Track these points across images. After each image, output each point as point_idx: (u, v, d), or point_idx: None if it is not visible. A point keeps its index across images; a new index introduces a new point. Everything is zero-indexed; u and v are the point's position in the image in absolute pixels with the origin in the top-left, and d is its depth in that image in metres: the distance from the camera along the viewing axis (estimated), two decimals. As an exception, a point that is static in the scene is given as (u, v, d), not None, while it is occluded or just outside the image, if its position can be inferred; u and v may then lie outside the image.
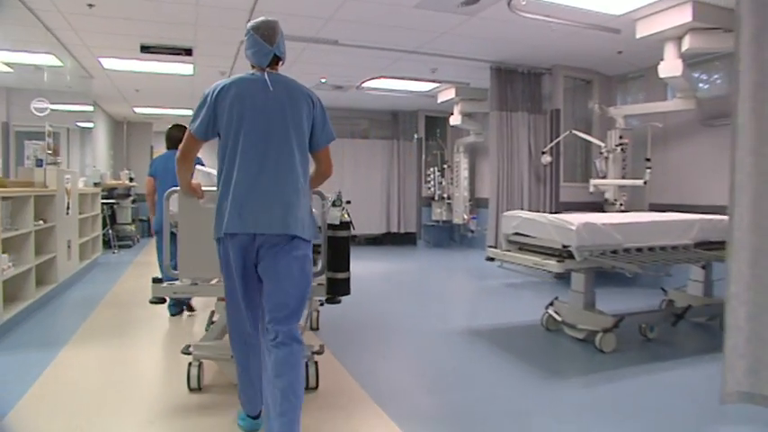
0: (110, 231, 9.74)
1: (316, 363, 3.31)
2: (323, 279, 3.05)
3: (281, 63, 2.64)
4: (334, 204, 3.03)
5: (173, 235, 3.47)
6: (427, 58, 7.01)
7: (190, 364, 3.22)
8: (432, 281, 7.69)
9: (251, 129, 2.45)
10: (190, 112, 8.20)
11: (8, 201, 4.77)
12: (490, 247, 4.61)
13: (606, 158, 6.72)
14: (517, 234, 4.36)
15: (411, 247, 11.25)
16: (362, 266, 8.43)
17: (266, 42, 2.54)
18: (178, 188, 2.86)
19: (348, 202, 3.22)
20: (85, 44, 6.40)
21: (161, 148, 14.86)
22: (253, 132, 2.45)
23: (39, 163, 5.89)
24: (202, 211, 2.83)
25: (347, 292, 3.08)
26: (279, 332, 2.40)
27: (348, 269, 3.04)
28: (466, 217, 10.61)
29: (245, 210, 2.41)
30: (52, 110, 7.45)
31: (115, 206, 10.62)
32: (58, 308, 5.38)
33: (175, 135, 5.00)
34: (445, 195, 10.88)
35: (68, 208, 6.25)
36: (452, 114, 9.36)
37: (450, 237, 11.55)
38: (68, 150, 8.89)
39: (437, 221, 11.14)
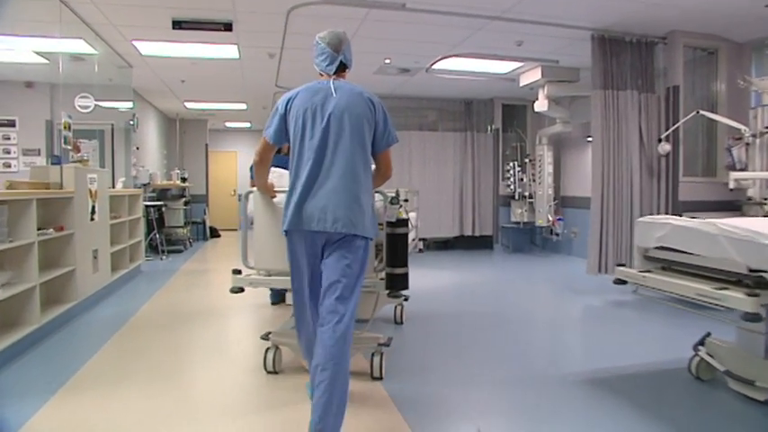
0: (157, 236, 8.94)
1: (381, 354, 3.44)
2: (383, 274, 3.22)
3: (347, 70, 2.84)
4: (391, 203, 3.16)
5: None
6: (512, 27, 5.75)
7: (267, 349, 3.55)
8: (518, 297, 6.41)
9: (315, 133, 2.62)
10: (244, 107, 8.22)
11: (4, 205, 3.88)
12: (619, 265, 3.33)
13: (747, 145, 5.26)
14: (662, 248, 3.07)
15: (487, 253, 9.96)
16: (432, 277, 7.28)
17: (333, 50, 2.75)
18: (254, 188, 3.23)
19: (406, 201, 3.55)
20: (111, 22, 5.52)
21: (217, 147, 14.06)
22: (317, 137, 2.61)
23: (55, 160, 5.01)
24: (275, 209, 3.15)
25: (406, 287, 3.21)
26: (329, 317, 2.51)
27: (406, 264, 3.20)
28: (551, 218, 9.24)
29: (308, 209, 2.59)
30: (97, 105, 6.76)
31: (164, 208, 9.87)
32: (69, 334, 4.45)
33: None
34: (526, 194, 9.55)
35: (93, 212, 5.38)
36: (536, 101, 8.01)
37: (530, 240, 10.20)
38: (113, 149, 8.16)
39: (517, 223, 9.83)
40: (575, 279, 7.11)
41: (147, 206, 8.89)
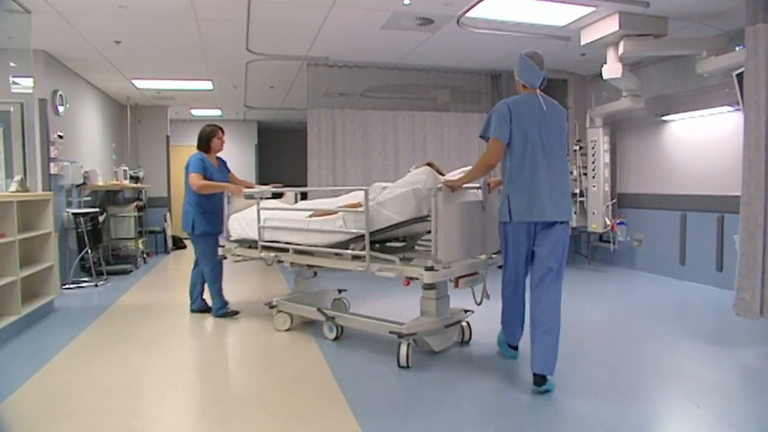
0: (90, 254, 6.65)
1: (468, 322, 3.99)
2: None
3: (543, 86, 3.34)
4: None
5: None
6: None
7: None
8: (628, 345, 4.27)
9: (534, 140, 3.22)
10: (210, 86, 8.40)
11: None
12: None
13: None
14: None
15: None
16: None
17: (538, 66, 3.32)
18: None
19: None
20: None
21: (183, 141, 11.45)
22: (536, 143, 3.22)
23: None
24: (456, 206, 3.44)
25: None
26: (546, 284, 3.20)
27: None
28: (608, 222, 7.12)
29: (534, 204, 3.21)
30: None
31: (104, 216, 7.59)
32: None
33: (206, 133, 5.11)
34: (576, 191, 7.41)
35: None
36: (604, 64, 5.88)
37: (575, 249, 8.06)
38: (23, 137, 5.89)
39: (561, 229, 7.68)
40: (690, 312, 5.04)
41: (75, 215, 6.62)
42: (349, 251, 3.75)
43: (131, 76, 7.95)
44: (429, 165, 3.66)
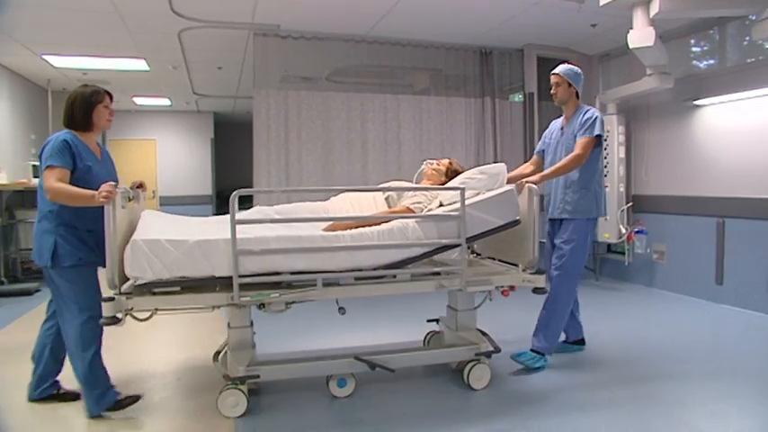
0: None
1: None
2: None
3: None
4: None
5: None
6: None
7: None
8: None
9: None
10: (144, 65, 6.94)
11: None
12: None
13: None
14: None
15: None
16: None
17: None
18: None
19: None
20: None
21: (124, 134, 10.02)
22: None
23: None
24: None
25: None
26: None
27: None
28: (624, 230, 5.84)
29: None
30: None
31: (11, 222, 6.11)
32: None
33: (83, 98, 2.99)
34: (585, 192, 6.11)
35: None
36: (630, 30, 4.58)
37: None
38: None
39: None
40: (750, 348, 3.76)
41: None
42: (444, 268, 3.12)
43: (41, 50, 6.46)
44: (450, 163, 3.59)
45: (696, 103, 5.32)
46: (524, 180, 3.27)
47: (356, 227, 2.96)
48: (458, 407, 3.04)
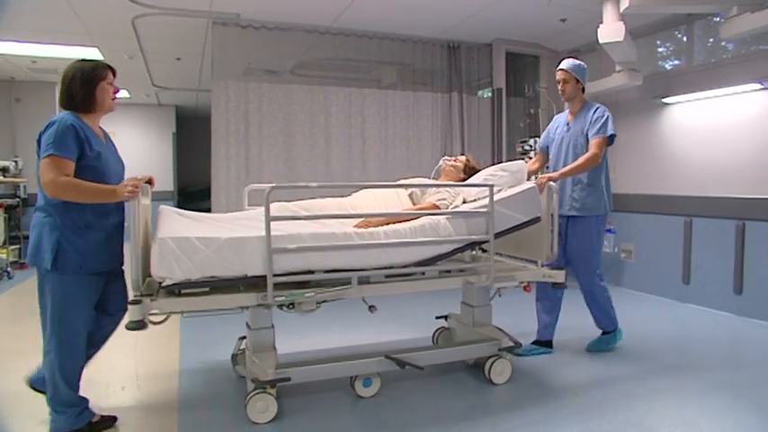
0: None
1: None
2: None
3: None
4: None
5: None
6: None
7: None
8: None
9: None
10: (98, 54, 6.30)
11: None
12: None
13: None
14: None
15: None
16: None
17: None
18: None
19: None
20: None
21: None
22: None
23: None
24: None
25: None
26: None
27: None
28: (592, 230, 5.74)
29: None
30: None
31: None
32: None
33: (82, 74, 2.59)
34: (553, 190, 6.03)
35: None
36: (599, 25, 4.48)
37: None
38: None
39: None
40: (712, 346, 3.69)
41: None
42: (469, 265, 3.19)
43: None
44: (468, 160, 3.61)
45: (664, 100, 5.27)
46: (544, 177, 3.28)
47: (386, 224, 2.96)
48: (487, 401, 3.06)
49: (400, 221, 2.97)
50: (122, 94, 9.84)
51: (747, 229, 4.64)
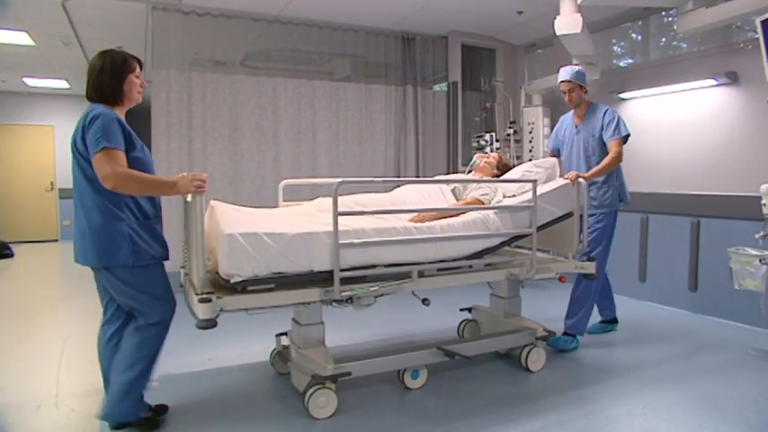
0: None
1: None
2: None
3: None
4: None
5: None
6: None
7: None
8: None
9: None
10: (27, 39, 5.84)
11: None
12: None
13: None
14: None
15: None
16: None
17: None
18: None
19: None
20: None
21: (18, 119, 9.01)
22: None
23: None
24: None
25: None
26: None
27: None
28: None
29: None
30: None
31: None
32: None
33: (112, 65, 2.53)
34: (510, 187, 5.92)
35: None
36: (557, 17, 4.35)
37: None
38: None
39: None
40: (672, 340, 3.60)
41: None
42: (512, 258, 3.27)
43: None
44: (500, 156, 3.73)
45: (621, 96, 5.20)
46: (575, 174, 3.41)
47: (438, 218, 3.02)
48: (533, 387, 3.19)
49: (451, 216, 3.05)
50: (61, 83, 9.31)
51: (702, 225, 4.61)
